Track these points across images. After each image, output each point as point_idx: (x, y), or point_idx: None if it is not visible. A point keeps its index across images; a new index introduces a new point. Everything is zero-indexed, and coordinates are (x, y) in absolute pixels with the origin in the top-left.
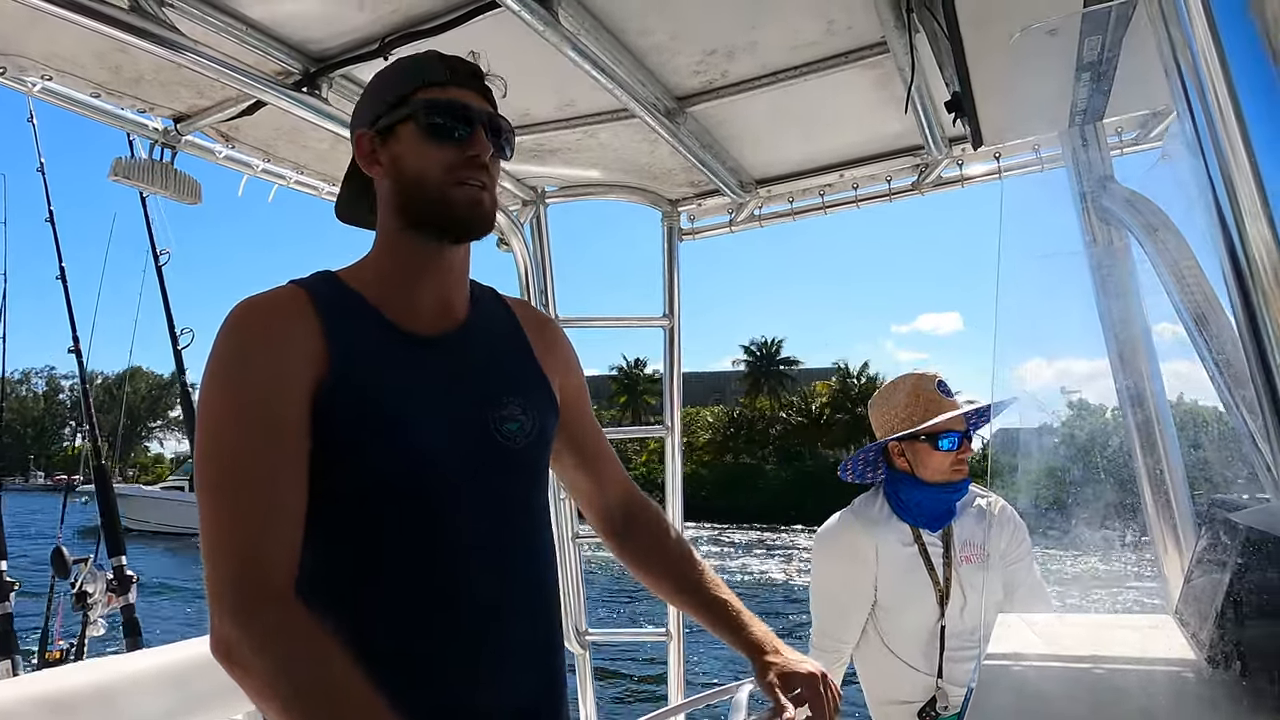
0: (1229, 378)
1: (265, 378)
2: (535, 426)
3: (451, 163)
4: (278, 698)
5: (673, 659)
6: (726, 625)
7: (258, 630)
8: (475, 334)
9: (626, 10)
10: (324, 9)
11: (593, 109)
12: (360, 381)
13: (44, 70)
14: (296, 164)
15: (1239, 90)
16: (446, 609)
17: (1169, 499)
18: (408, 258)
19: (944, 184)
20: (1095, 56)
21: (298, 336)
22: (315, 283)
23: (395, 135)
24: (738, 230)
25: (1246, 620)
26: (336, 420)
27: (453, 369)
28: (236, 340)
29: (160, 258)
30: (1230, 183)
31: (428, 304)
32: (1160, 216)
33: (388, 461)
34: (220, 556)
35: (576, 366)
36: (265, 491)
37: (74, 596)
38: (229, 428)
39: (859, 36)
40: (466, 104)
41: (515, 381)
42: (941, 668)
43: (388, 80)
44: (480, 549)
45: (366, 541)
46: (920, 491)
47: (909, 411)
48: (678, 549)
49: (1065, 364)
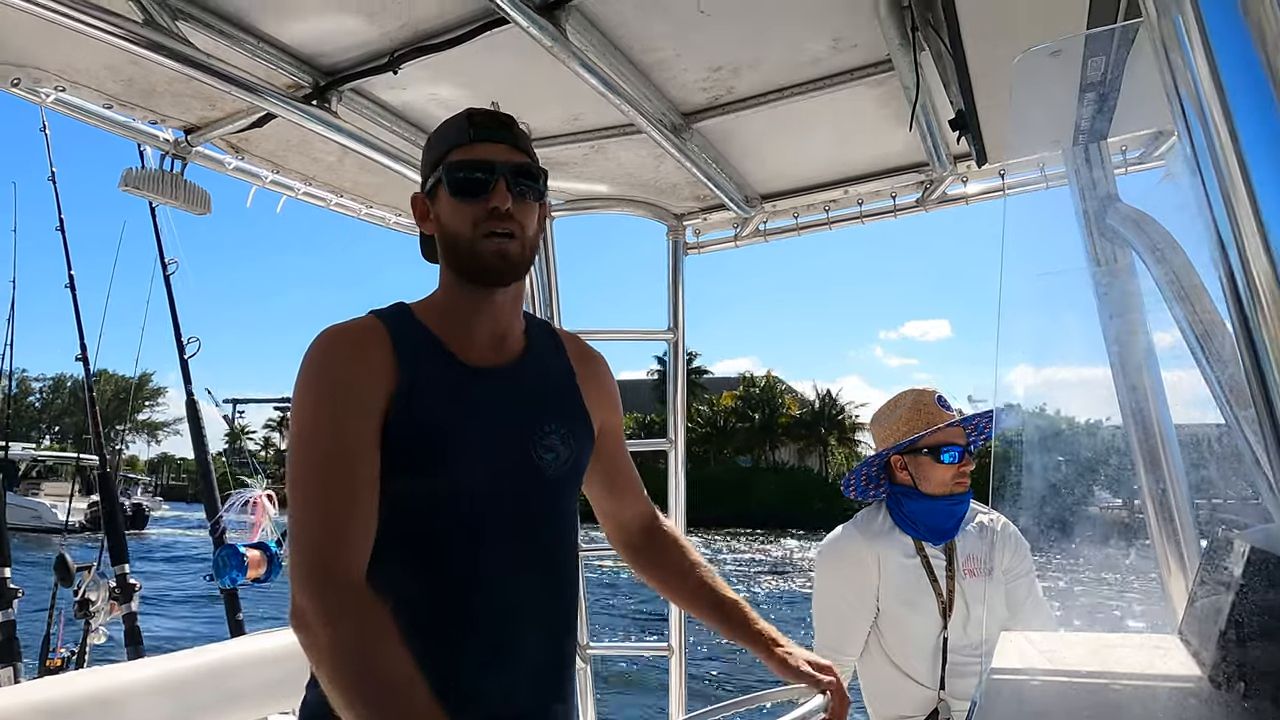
0: (1233, 398)
1: (347, 395)
2: (571, 456)
3: (476, 217)
4: (340, 672)
5: (674, 673)
6: (736, 624)
7: (329, 605)
8: (527, 367)
9: (634, 27)
10: (335, 24)
11: (600, 124)
12: (421, 405)
13: (58, 82)
14: (305, 175)
15: (1236, 113)
16: (470, 617)
17: (1173, 518)
18: (462, 299)
19: (948, 201)
20: (1099, 77)
21: (374, 362)
22: (391, 315)
23: (436, 197)
24: (742, 245)
25: (1250, 641)
26: (399, 440)
27: (503, 398)
28: (323, 360)
29: (168, 267)
30: (1228, 204)
31: (483, 339)
32: (1164, 236)
33: (435, 478)
34: (304, 542)
35: (616, 400)
36: (345, 491)
37: (76, 604)
38: (317, 436)
39: (864, 54)
40: (486, 160)
41: (558, 413)
42: (944, 681)
43: (431, 145)
44: (508, 565)
45: (403, 553)
46: (923, 504)
47: (910, 426)
48: (689, 558)
49: (1068, 382)
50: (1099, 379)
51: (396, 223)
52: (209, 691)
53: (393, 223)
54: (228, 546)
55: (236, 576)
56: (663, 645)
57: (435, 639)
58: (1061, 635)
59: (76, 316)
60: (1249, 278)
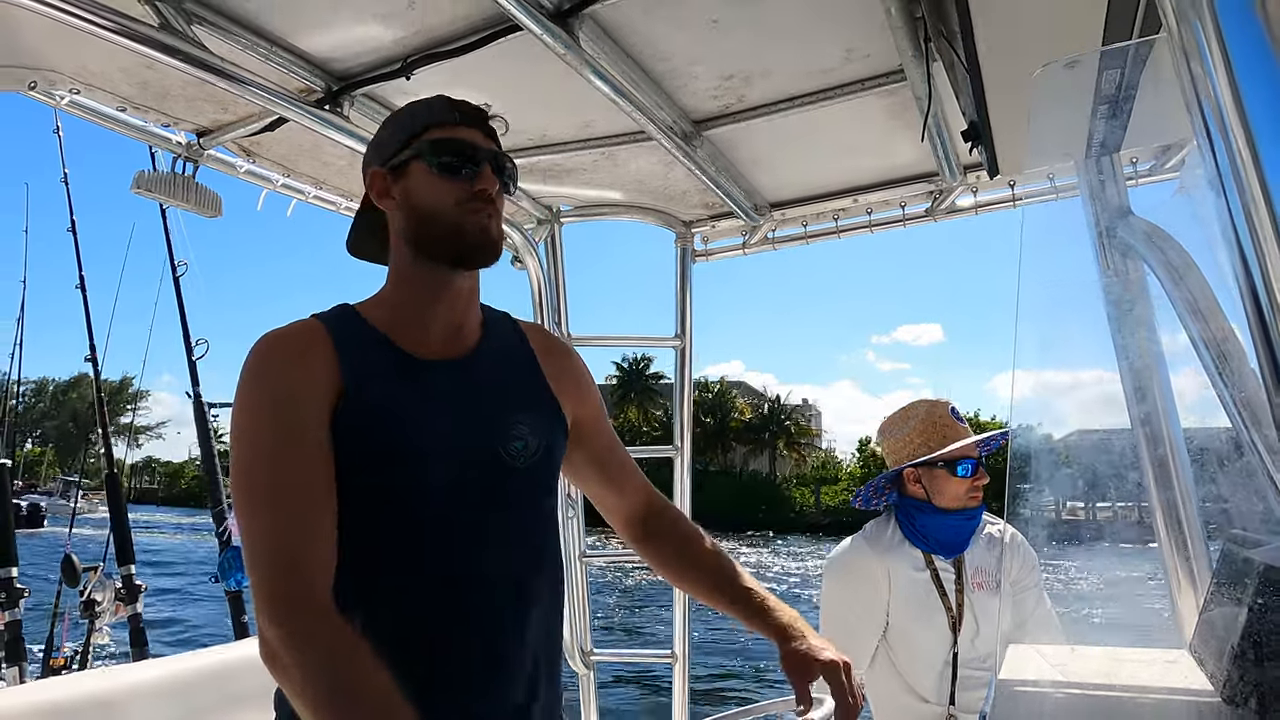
0: (1247, 414)
1: (290, 401)
2: (541, 445)
3: (460, 196)
4: (313, 697)
5: (677, 680)
6: (753, 612)
7: (295, 634)
8: (485, 358)
9: (646, 35)
10: (348, 30)
11: (610, 131)
12: (371, 405)
13: (73, 84)
14: (315, 179)
15: (1257, 125)
16: (443, 622)
17: (1183, 534)
18: (419, 287)
19: (958, 211)
20: (1114, 90)
21: (315, 364)
22: (332, 316)
23: (407, 172)
24: (751, 252)
25: (1264, 659)
26: (349, 441)
27: (460, 391)
28: (262, 369)
29: (178, 268)
30: (1250, 218)
31: (438, 331)
32: (1179, 252)
33: (393, 479)
34: (261, 567)
35: (590, 386)
36: (299, 505)
37: (82, 605)
38: (261, 448)
39: (876, 64)
40: (473, 143)
41: (522, 402)
42: (954, 696)
43: (400, 122)
44: (480, 565)
45: (371, 555)
46: (937, 518)
47: (925, 438)
48: (699, 545)
49: (1080, 394)
50: (1110, 392)
51: None
52: (213, 693)
53: None
54: (233, 548)
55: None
56: (666, 652)
57: (413, 640)
58: (1071, 648)
59: (87, 317)
60: (1271, 294)
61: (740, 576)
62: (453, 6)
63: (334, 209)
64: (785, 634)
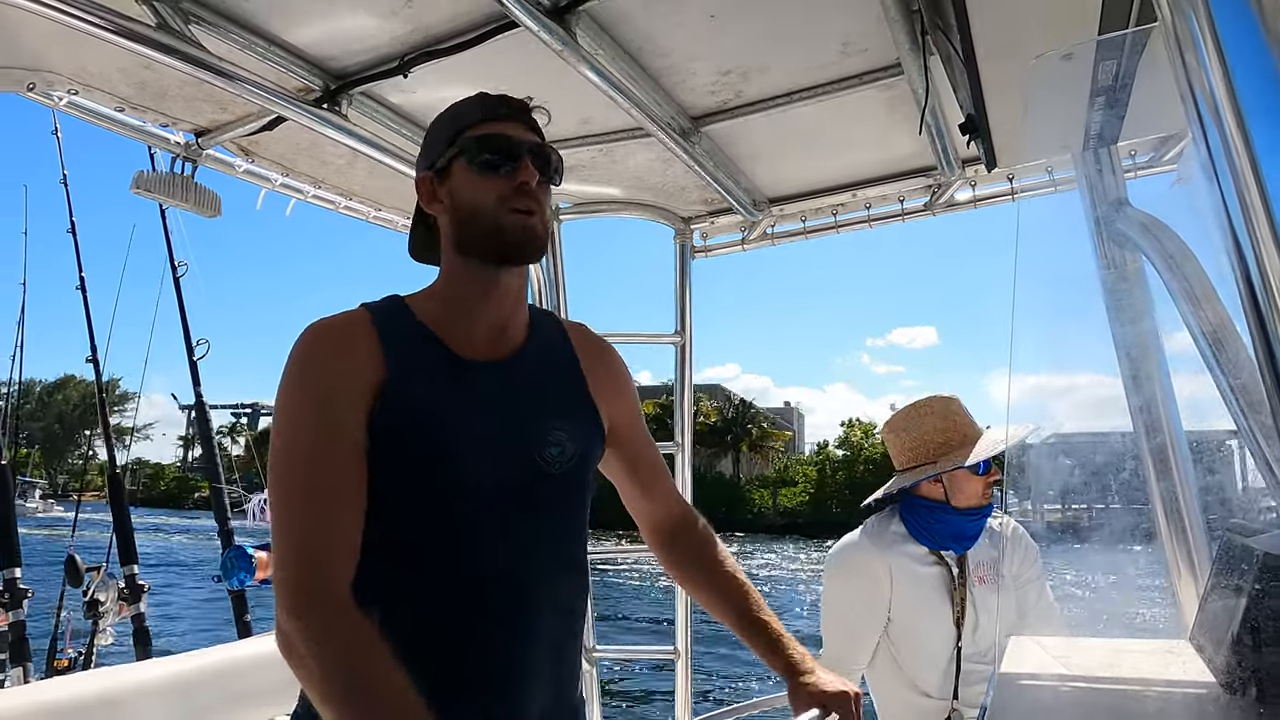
0: (1246, 403)
1: (330, 399)
2: (577, 452)
3: (502, 192)
4: (327, 691)
5: (680, 678)
6: (765, 643)
7: (314, 628)
8: (528, 359)
9: (644, 31)
10: (346, 28)
11: (608, 127)
12: (411, 402)
13: (71, 85)
14: (314, 178)
15: (1251, 115)
16: (468, 623)
17: (1183, 523)
18: (466, 286)
19: (957, 205)
20: (1110, 81)
21: (359, 359)
22: (381, 308)
23: (450, 173)
24: (750, 248)
25: (1263, 647)
26: (387, 438)
27: (501, 393)
28: (306, 362)
29: (178, 269)
30: (1245, 209)
31: (484, 330)
32: (1177, 242)
33: (428, 478)
34: (285, 557)
35: (628, 388)
36: (328, 499)
37: (85, 605)
38: (299, 439)
39: (873, 59)
40: (511, 136)
41: (562, 407)
42: (957, 691)
43: (442, 125)
44: (508, 567)
45: (400, 552)
46: (950, 517)
47: (945, 436)
48: (723, 565)
49: (1080, 387)
50: (1109, 384)
51: (405, 225)
52: (217, 692)
53: (401, 225)
54: (235, 548)
55: (244, 578)
56: (669, 649)
57: (434, 639)
58: (1071, 639)
59: (87, 318)
60: (1266, 282)
61: (757, 607)
62: (450, 4)
63: (333, 208)
64: (795, 669)
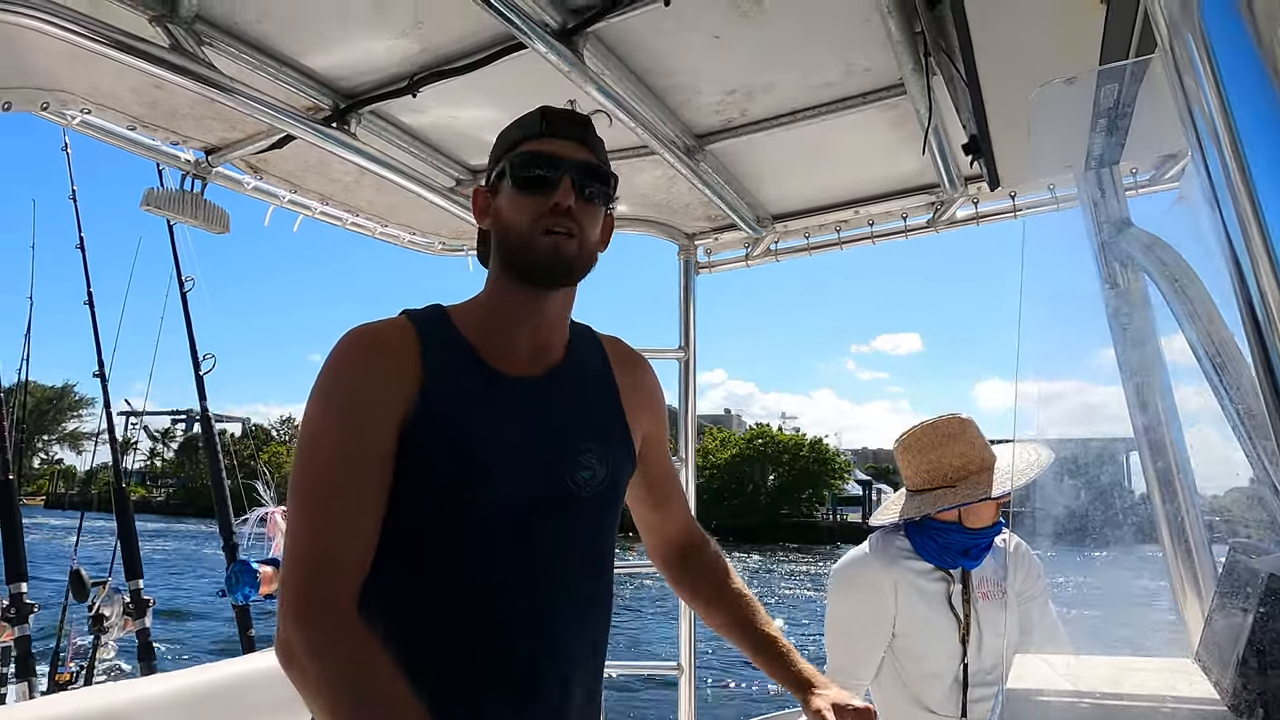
0: (1250, 425)
1: (360, 411)
2: (608, 476)
3: (537, 212)
4: (327, 702)
5: (684, 693)
6: (775, 661)
7: (315, 638)
8: (564, 377)
9: (650, 52)
10: (356, 49)
11: (613, 145)
12: (445, 416)
13: (84, 105)
14: (322, 195)
15: (1247, 138)
16: (491, 642)
17: (1187, 543)
18: (507, 302)
19: (959, 222)
20: (1112, 104)
21: (396, 366)
22: (423, 317)
23: (498, 189)
24: (754, 264)
25: (1270, 668)
26: (417, 450)
27: (537, 412)
28: (342, 369)
29: (185, 284)
30: (1244, 231)
31: (523, 347)
32: (1180, 262)
33: (456, 495)
34: (295, 563)
35: (660, 405)
36: (345, 509)
37: (91, 619)
38: (322, 445)
39: (877, 79)
40: (553, 154)
41: (595, 427)
42: (965, 707)
43: (501, 139)
44: (533, 588)
45: (425, 566)
46: (961, 536)
47: (963, 460)
48: (732, 584)
49: (1084, 406)
50: (1112, 402)
51: (410, 241)
52: (222, 707)
53: (406, 241)
54: (240, 562)
55: (249, 592)
56: (672, 664)
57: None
58: (1077, 657)
59: (95, 332)
60: (1266, 304)
61: (766, 625)
62: (459, 25)
63: (339, 224)
64: (809, 685)
